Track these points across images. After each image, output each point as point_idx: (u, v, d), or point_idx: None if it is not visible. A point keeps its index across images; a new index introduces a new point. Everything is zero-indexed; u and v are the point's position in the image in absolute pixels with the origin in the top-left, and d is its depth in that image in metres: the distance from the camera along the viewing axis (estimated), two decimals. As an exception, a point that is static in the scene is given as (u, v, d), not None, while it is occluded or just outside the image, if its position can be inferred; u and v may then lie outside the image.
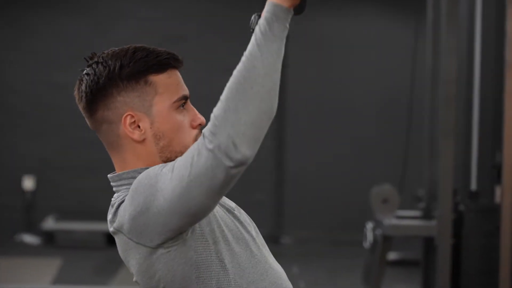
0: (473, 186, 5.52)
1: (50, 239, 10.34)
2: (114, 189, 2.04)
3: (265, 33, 1.78)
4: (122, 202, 1.96)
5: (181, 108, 2.01)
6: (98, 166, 10.51)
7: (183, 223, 1.86)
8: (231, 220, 2.04)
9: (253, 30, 1.84)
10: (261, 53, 1.78)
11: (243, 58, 1.78)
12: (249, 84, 1.76)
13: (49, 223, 10.37)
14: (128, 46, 2.01)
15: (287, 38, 1.81)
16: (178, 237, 1.90)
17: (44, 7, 10.79)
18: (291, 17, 1.80)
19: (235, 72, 1.78)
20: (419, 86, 6.91)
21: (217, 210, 2.03)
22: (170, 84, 2.00)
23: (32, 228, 10.68)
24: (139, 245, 1.92)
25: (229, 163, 1.75)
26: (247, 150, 1.76)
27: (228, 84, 1.78)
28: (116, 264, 8.76)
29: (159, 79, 1.99)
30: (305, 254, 9.99)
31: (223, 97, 1.78)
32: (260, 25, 1.79)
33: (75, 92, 2.03)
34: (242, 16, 1.70)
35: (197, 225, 1.94)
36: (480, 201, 5.41)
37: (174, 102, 1.99)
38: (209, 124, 1.79)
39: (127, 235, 1.93)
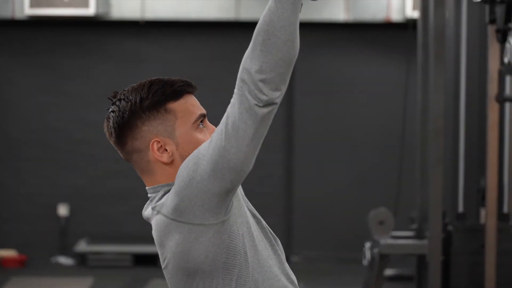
0: (460, 208, 5.50)
1: (82, 260, 10.34)
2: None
3: None
4: (168, 191, 1.96)
5: (201, 127, 2.01)
6: (125, 194, 10.55)
7: (225, 182, 1.85)
8: (255, 223, 2.03)
9: None
10: (277, 8, 1.80)
11: (263, 13, 1.81)
12: (267, 36, 1.80)
13: (82, 246, 10.37)
14: (146, 80, 2.05)
15: None
16: (218, 213, 1.88)
17: (76, 54, 10.86)
18: None
19: (257, 25, 1.82)
20: (410, 119, 6.92)
21: (246, 210, 2.01)
22: (187, 108, 2.01)
23: (66, 250, 10.68)
24: (181, 224, 1.89)
25: (258, 103, 1.80)
26: (271, 92, 1.81)
27: (252, 37, 1.82)
28: (142, 282, 8.76)
29: (177, 105, 2.00)
30: (313, 271, 9.95)
31: (248, 48, 1.83)
32: None
33: (105, 129, 2.04)
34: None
35: (232, 211, 1.92)
36: (467, 222, 5.39)
37: (194, 122, 2.00)
38: (239, 73, 1.85)
39: (169, 216, 1.91)
